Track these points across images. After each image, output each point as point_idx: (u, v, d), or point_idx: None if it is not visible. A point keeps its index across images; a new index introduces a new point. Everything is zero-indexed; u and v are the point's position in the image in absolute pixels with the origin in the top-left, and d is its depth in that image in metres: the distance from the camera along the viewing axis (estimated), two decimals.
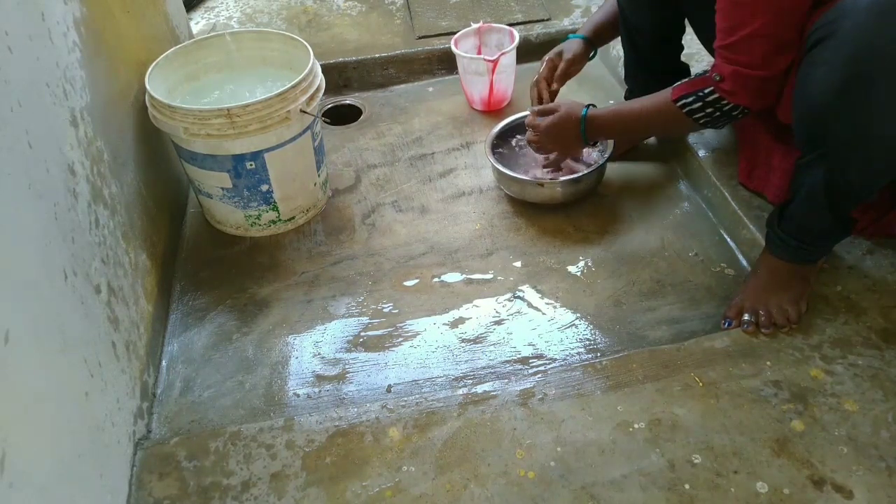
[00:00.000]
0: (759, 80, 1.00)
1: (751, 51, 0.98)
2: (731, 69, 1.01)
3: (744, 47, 0.98)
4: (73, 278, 0.88)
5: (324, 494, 0.90)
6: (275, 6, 2.18)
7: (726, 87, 1.03)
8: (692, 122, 1.11)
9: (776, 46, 0.97)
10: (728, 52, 1.00)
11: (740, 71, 1.00)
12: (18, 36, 0.86)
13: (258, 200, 1.34)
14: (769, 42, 0.96)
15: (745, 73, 1.00)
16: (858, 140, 0.87)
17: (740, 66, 1.00)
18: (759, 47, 0.97)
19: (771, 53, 0.98)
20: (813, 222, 1.00)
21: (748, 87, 1.02)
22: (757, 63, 0.99)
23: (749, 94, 1.03)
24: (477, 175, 1.52)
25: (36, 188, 0.83)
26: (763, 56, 0.98)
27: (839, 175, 0.92)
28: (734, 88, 1.03)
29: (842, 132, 0.88)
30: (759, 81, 1.00)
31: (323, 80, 1.33)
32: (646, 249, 1.30)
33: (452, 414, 0.98)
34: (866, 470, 0.87)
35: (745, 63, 0.99)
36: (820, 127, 0.90)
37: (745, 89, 1.02)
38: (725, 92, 1.04)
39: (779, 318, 1.04)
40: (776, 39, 0.96)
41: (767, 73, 0.99)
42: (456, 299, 1.24)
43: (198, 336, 1.21)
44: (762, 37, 0.96)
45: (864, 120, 0.84)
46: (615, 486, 0.88)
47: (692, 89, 1.08)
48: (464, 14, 2.00)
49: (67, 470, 0.78)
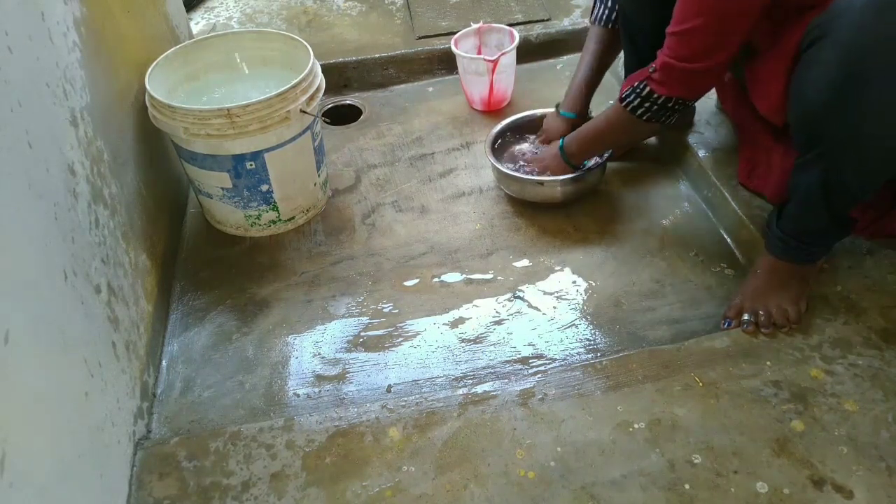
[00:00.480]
0: (687, 72, 1.03)
1: (689, 43, 1.01)
2: (661, 60, 1.05)
3: (684, 39, 1.01)
4: (73, 278, 0.88)
5: (324, 494, 0.90)
6: (275, 6, 2.18)
7: (656, 76, 1.07)
8: (637, 119, 1.14)
9: (712, 44, 1.00)
10: (670, 40, 1.04)
11: (668, 62, 1.04)
12: (18, 36, 0.86)
13: (258, 200, 1.34)
14: (707, 38, 0.99)
15: (673, 63, 1.04)
16: (854, 139, 0.87)
17: (671, 58, 1.04)
18: (696, 42, 1.00)
19: (705, 50, 1.01)
20: (811, 222, 1.00)
21: (676, 80, 1.05)
22: (690, 56, 1.02)
23: (677, 85, 1.06)
24: (477, 175, 1.52)
25: (36, 188, 0.83)
26: (698, 51, 1.01)
27: (835, 175, 0.92)
28: (662, 78, 1.06)
29: (837, 132, 0.88)
30: (686, 73, 1.04)
31: (323, 80, 1.33)
32: (646, 249, 1.30)
33: (452, 414, 0.98)
34: (866, 470, 0.87)
35: (679, 55, 1.03)
36: (816, 127, 0.91)
37: (672, 80, 1.06)
38: (655, 82, 1.08)
39: (778, 318, 1.04)
40: (715, 37, 0.99)
41: (697, 67, 1.02)
42: (456, 299, 1.24)
43: (198, 336, 1.21)
44: (702, 33, 0.99)
45: (860, 119, 0.85)
46: (615, 486, 0.88)
47: (630, 85, 1.13)
48: (464, 14, 2.00)
49: (67, 470, 0.78)
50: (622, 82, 1.59)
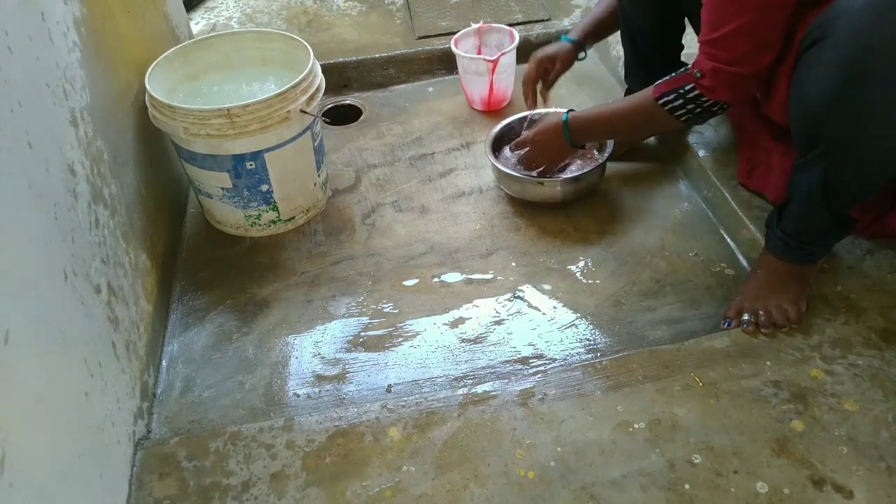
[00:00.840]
0: (739, 76, 1.01)
1: (733, 47, 0.99)
2: (711, 66, 1.02)
3: (726, 43, 0.99)
4: (73, 278, 0.88)
5: (324, 494, 0.90)
6: (275, 6, 2.18)
7: (706, 83, 1.04)
8: (674, 119, 1.12)
9: (758, 44, 0.98)
10: (710, 48, 1.01)
11: (720, 67, 1.01)
12: (18, 36, 0.86)
13: (258, 200, 1.34)
14: (751, 40, 0.97)
15: (725, 69, 1.01)
16: (854, 140, 0.87)
17: (720, 63, 1.01)
18: (741, 44, 0.98)
19: (752, 51, 0.99)
20: (811, 222, 1.00)
21: (727, 84, 1.03)
22: (737, 59, 1.00)
23: (728, 90, 1.04)
24: (477, 175, 1.52)
25: (36, 188, 0.83)
26: (744, 53, 0.99)
27: (836, 175, 0.92)
28: (713, 84, 1.04)
29: (838, 132, 0.88)
30: (738, 78, 1.01)
31: (323, 80, 1.33)
32: (646, 249, 1.30)
33: (452, 414, 0.98)
34: (866, 470, 0.87)
35: (725, 59, 1.00)
36: (816, 127, 0.91)
37: (724, 85, 1.03)
38: (705, 88, 1.05)
39: (778, 318, 1.04)
40: (758, 37, 0.97)
41: (746, 70, 1.00)
42: (456, 299, 1.24)
43: (198, 336, 1.21)
44: (745, 34, 0.97)
45: (860, 120, 0.85)
46: (615, 486, 0.88)
47: (674, 86, 1.09)
48: (464, 14, 2.00)
49: (67, 470, 0.78)
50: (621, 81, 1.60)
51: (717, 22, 0.98)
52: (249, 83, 1.46)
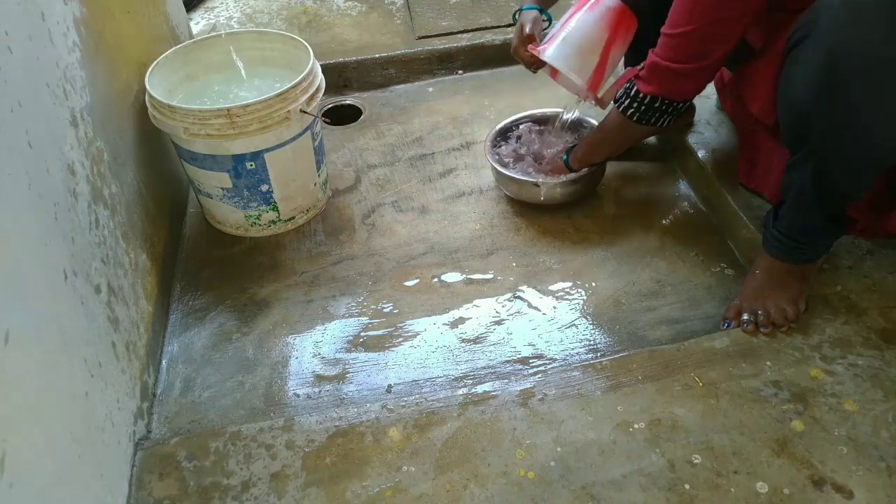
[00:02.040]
0: (671, 71, 1.06)
1: (676, 47, 1.04)
2: (651, 59, 1.08)
3: (674, 42, 1.04)
4: (73, 278, 0.88)
5: (324, 494, 0.90)
6: (275, 6, 2.18)
7: (643, 74, 1.10)
8: (629, 120, 1.16)
9: (699, 50, 1.03)
10: (663, 41, 1.06)
11: (655, 61, 1.07)
12: (18, 36, 0.86)
13: (258, 200, 1.34)
14: (694, 44, 1.02)
15: (658, 62, 1.06)
16: (840, 137, 0.88)
17: (659, 57, 1.06)
18: (684, 45, 1.03)
19: (691, 54, 1.04)
20: (805, 221, 1.01)
21: (660, 78, 1.08)
22: (673, 57, 1.05)
23: (660, 84, 1.09)
24: (477, 175, 1.52)
25: (36, 188, 0.83)
26: (682, 54, 1.04)
27: (825, 173, 0.93)
28: (648, 76, 1.09)
29: (823, 130, 0.89)
30: (670, 73, 1.06)
31: (323, 80, 1.33)
32: (646, 249, 1.30)
33: (452, 414, 0.98)
34: (866, 470, 0.87)
35: (665, 56, 1.06)
36: (803, 126, 0.91)
37: (656, 79, 1.09)
38: (641, 81, 1.10)
39: (777, 317, 1.04)
40: (702, 44, 1.02)
41: (678, 68, 1.05)
42: (456, 299, 1.24)
43: (198, 336, 1.21)
44: (691, 38, 1.02)
45: (845, 117, 0.85)
46: (615, 486, 0.88)
47: (621, 85, 1.15)
48: (464, 14, 2.00)
49: (67, 470, 0.78)
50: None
51: (676, 21, 1.03)
52: (249, 83, 1.46)
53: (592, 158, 1.33)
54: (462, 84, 1.84)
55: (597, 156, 1.33)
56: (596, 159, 1.33)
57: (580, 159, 1.33)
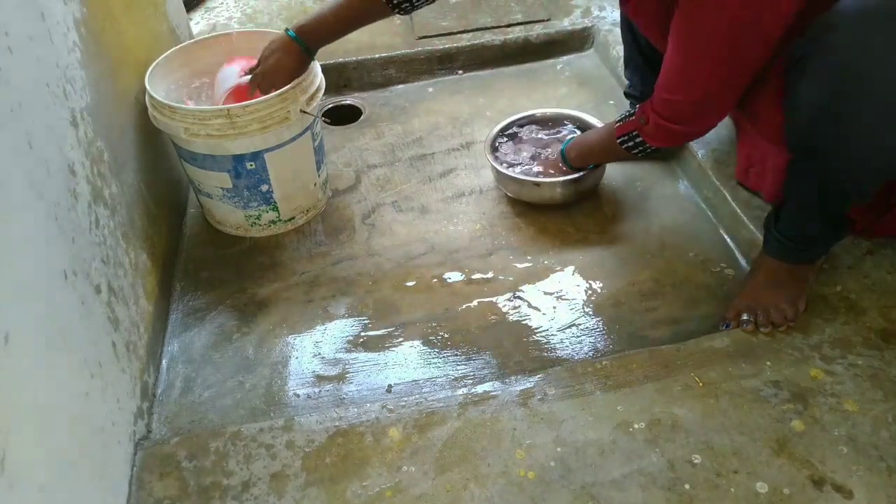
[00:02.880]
0: (681, 134, 1.09)
1: (681, 112, 1.05)
2: (654, 119, 1.09)
3: (675, 108, 1.05)
4: (73, 278, 0.88)
5: (324, 494, 0.90)
6: (275, 6, 2.18)
7: (648, 132, 1.12)
8: (634, 155, 1.21)
9: (709, 112, 1.05)
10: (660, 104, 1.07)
11: (662, 125, 1.08)
12: (18, 36, 0.86)
13: (258, 200, 1.34)
14: (699, 109, 1.04)
15: (667, 126, 1.08)
16: (848, 149, 0.88)
17: (664, 120, 1.08)
18: (689, 112, 1.05)
19: (701, 117, 1.06)
20: (807, 224, 1.01)
21: (666, 137, 1.11)
22: (682, 121, 1.07)
23: (667, 140, 1.13)
24: (477, 175, 1.52)
25: (36, 188, 0.83)
26: (690, 118, 1.06)
27: (831, 182, 0.93)
28: (655, 135, 1.12)
29: (831, 143, 0.89)
30: (679, 135, 1.09)
31: (323, 80, 1.33)
32: (646, 249, 1.30)
33: (452, 414, 0.98)
34: (866, 470, 0.87)
35: (671, 118, 1.07)
36: (809, 137, 0.91)
37: (664, 138, 1.12)
38: (647, 136, 1.13)
39: (777, 317, 1.04)
40: (711, 107, 1.04)
41: (689, 130, 1.09)
42: (456, 299, 1.24)
43: (198, 336, 1.21)
44: (694, 105, 1.03)
45: (852, 131, 0.85)
46: (615, 486, 0.88)
47: (625, 131, 1.18)
48: (464, 14, 2.00)
49: (67, 470, 0.78)
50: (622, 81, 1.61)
51: (673, 86, 1.04)
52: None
53: (590, 162, 1.34)
54: (462, 84, 1.84)
55: (594, 162, 1.34)
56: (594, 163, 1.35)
57: (577, 160, 1.34)
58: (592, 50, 1.90)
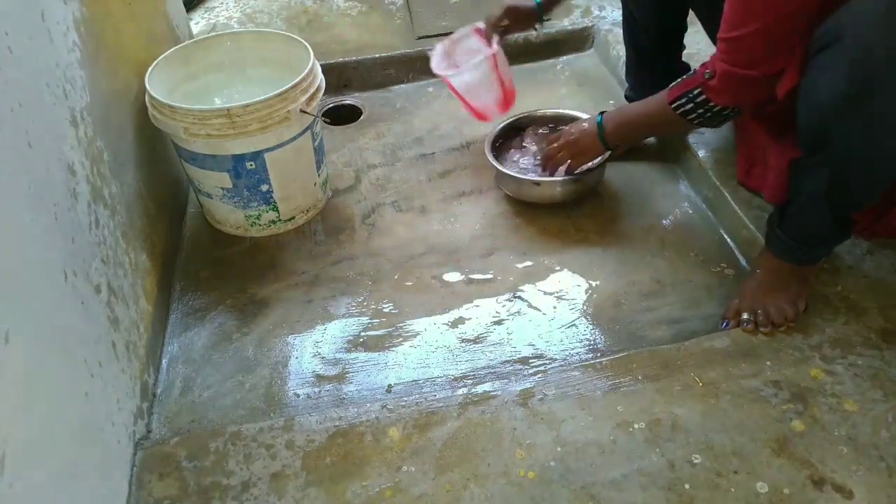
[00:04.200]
0: (749, 80, 0.99)
1: (751, 48, 0.97)
2: (723, 68, 1.00)
3: (744, 44, 0.97)
4: (73, 278, 0.88)
5: (324, 494, 0.90)
6: (275, 6, 2.18)
7: (714, 84, 1.03)
8: (688, 122, 1.11)
9: (776, 47, 0.96)
10: (727, 46, 0.99)
11: (732, 71, 0.99)
12: (18, 36, 0.86)
13: (258, 200, 1.34)
14: (771, 42, 0.95)
15: (737, 72, 0.99)
16: (863, 145, 0.87)
17: (733, 65, 0.99)
18: (759, 46, 0.96)
19: (769, 54, 0.96)
20: (814, 224, 1.00)
21: (736, 87, 1.01)
22: (752, 62, 0.98)
23: (735, 94, 1.03)
24: (477, 175, 1.52)
25: (36, 188, 0.83)
26: (761, 55, 0.97)
27: (842, 178, 0.92)
28: (721, 87, 1.02)
29: (846, 138, 0.87)
30: (748, 82, 0.99)
31: (323, 80, 1.33)
32: (646, 249, 1.30)
33: (452, 414, 0.98)
34: (866, 470, 0.87)
35: (740, 62, 0.98)
36: (824, 131, 0.90)
37: (732, 89, 1.02)
38: (713, 91, 1.03)
39: (776, 317, 1.04)
40: (778, 40, 0.95)
41: (759, 74, 0.98)
42: (456, 299, 1.24)
43: (198, 336, 1.21)
44: (764, 35, 0.94)
45: (870, 127, 0.84)
46: (615, 486, 0.88)
47: (684, 90, 1.08)
48: (464, 14, 2.00)
49: (67, 470, 0.78)
50: (622, 81, 1.61)
51: (739, 21, 0.95)
52: (249, 83, 1.46)
53: (629, 134, 1.27)
54: None
55: (635, 134, 1.29)
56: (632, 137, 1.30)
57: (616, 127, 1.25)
58: (592, 50, 1.90)
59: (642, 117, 1.22)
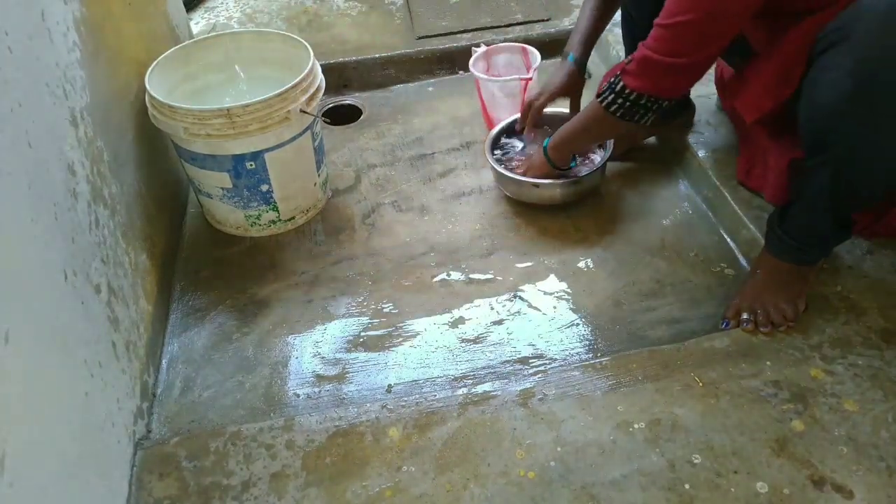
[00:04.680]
0: (663, 66, 1.00)
1: (672, 38, 0.98)
2: (641, 52, 1.01)
3: (669, 33, 0.98)
4: (73, 278, 0.88)
5: (324, 494, 0.90)
6: (275, 6, 2.18)
7: (631, 68, 1.03)
8: (611, 116, 1.10)
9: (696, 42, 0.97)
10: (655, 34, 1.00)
11: (646, 54, 1.00)
12: (18, 36, 0.86)
13: (258, 200, 1.34)
14: (692, 36, 0.96)
15: (650, 56, 1.00)
16: (866, 147, 0.87)
17: (652, 51, 1.00)
18: (681, 37, 0.97)
19: (687, 46, 0.97)
20: (815, 224, 1.00)
21: (650, 73, 1.02)
22: (668, 50, 0.98)
23: (650, 79, 1.02)
24: (477, 175, 1.52)
25: (36, 188, 0.83)
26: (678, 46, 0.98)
27: (845, 179, 0.92)
28: (637, 71, 1.02)
29: (850, 138, 0.88)
30: (661, 67, 1.00)
31: (323, 80, 1.33)
32: (646, 249, 1.30)
33: (452, 414, 0.98)
34: (866, 470, 0.87)
35: (663, 50, 0.99)
36: (828, 130, 0.90)
37: (646, 74, 1.02)
38: (629, 75, 1.04)
39: (776, 317, 1.04)
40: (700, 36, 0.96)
41: (672, 62, 0.99)
42: (456, 299, 1.24)
43: (198, 336, 1.21)
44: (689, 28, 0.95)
45: (874, 127, 0.84)
46: (615, 486, 0.88)
47: (606, 80, 1.09)
48: (464, 14, 2.00)
49: (67, 470, 0.78)
50: None
51: (672, 11, 0.96)
52: (249, 83, 1.46)
53: (570, 148, 1.28)
54: (462, 84, 1.84)
55: (574, 146, 1.29)
56: (574, 150, 1.30)
57: (557, 148, 1.28)
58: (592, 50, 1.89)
59: (577, 124, 1.23)
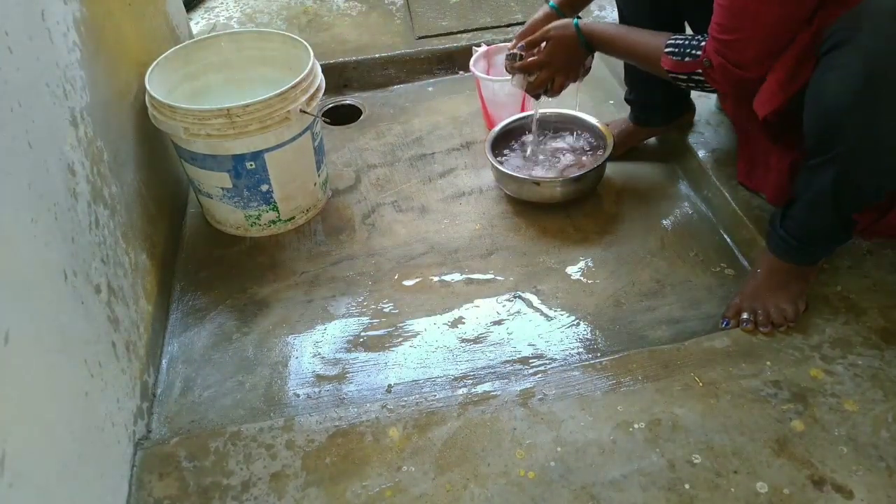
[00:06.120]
0: (743, 79, 1.01)
1: (742, 53, 0.98)
2: (720, 62, 1.01)
3: (736, 48, 0.98)
4: (73, 278, 0.88)
5: (324, 494, 0.90)
6: (275, 6, 2.18)
7: (714, 75, 1.04)
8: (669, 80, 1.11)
9: (767, 53, 0.97)
10: (721, 47, 1.00)
11: (729, 68, 1.01)
12: (18, 36, 0.86)
13: (258, 200, 1.34)
14: (762, 48, 0.97)
15: (732, 70, 1.00)
16: (872, 146, 0.87)
17: (729, 63, 1.00)
18: (752, 51, 0.98)
19: (761, 58, 0.98)
20: (817, 224, 1.00)
21: (733, 82, 1.03)
22: (744, 64, 0.99)
23: (731, 85, 1.04)
24: (477, 175, 1.52)
25: (36, 188, 0.83)
26: (752, 60, 0.99)
27: (849, 178, 0.92)
28: (720, 79, 1.04)
29: (855, 137, 0.87)
30: (742, 80, 1.01)
31: (323, 80, 1.33)
32: (646, 249, 1.30)
33: (452, 414, 0.98)
34: (866, 470, 0.87)
35: (734, 61, 1.00)
36: (832, 130, 0.90)
37: (728, 82, 1.03)
38: (711, 79, 1.05)
39: (776, 317, 1.04)
40: (769, 47, 0.97)
41: (749, 75, 1.00)
42: (456, 299, 1.24)
43: (198, 336, 1.21)
44: (757, 42, 0.96)
45: (879, 127, 0.84)
46: (615, 486, 0.88)
47: (682, 70, 1.08)
48: (464, 14, 2.00)
49: (67, 470, 0.78)
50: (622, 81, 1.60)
51: (731, 27, 0.97)
52: (249, 83, 1.46)
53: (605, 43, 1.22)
54: (462, 84, 1.84)
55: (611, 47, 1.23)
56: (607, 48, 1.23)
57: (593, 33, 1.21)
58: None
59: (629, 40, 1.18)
